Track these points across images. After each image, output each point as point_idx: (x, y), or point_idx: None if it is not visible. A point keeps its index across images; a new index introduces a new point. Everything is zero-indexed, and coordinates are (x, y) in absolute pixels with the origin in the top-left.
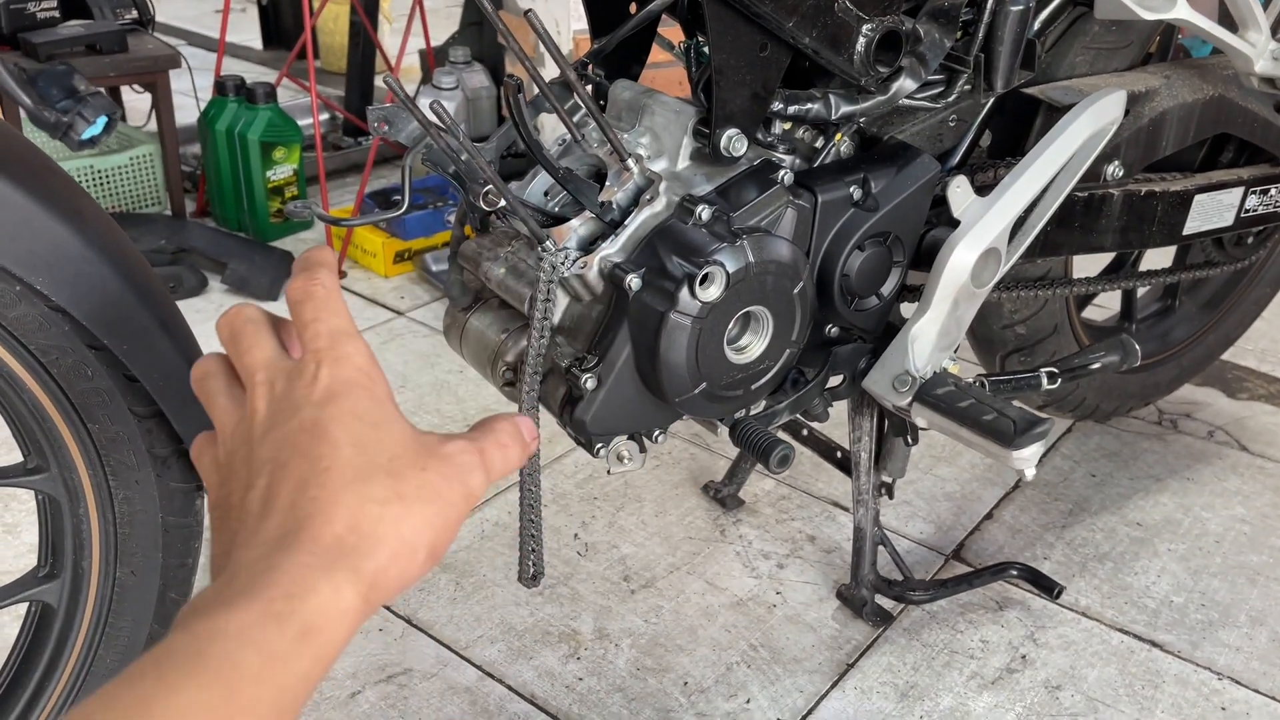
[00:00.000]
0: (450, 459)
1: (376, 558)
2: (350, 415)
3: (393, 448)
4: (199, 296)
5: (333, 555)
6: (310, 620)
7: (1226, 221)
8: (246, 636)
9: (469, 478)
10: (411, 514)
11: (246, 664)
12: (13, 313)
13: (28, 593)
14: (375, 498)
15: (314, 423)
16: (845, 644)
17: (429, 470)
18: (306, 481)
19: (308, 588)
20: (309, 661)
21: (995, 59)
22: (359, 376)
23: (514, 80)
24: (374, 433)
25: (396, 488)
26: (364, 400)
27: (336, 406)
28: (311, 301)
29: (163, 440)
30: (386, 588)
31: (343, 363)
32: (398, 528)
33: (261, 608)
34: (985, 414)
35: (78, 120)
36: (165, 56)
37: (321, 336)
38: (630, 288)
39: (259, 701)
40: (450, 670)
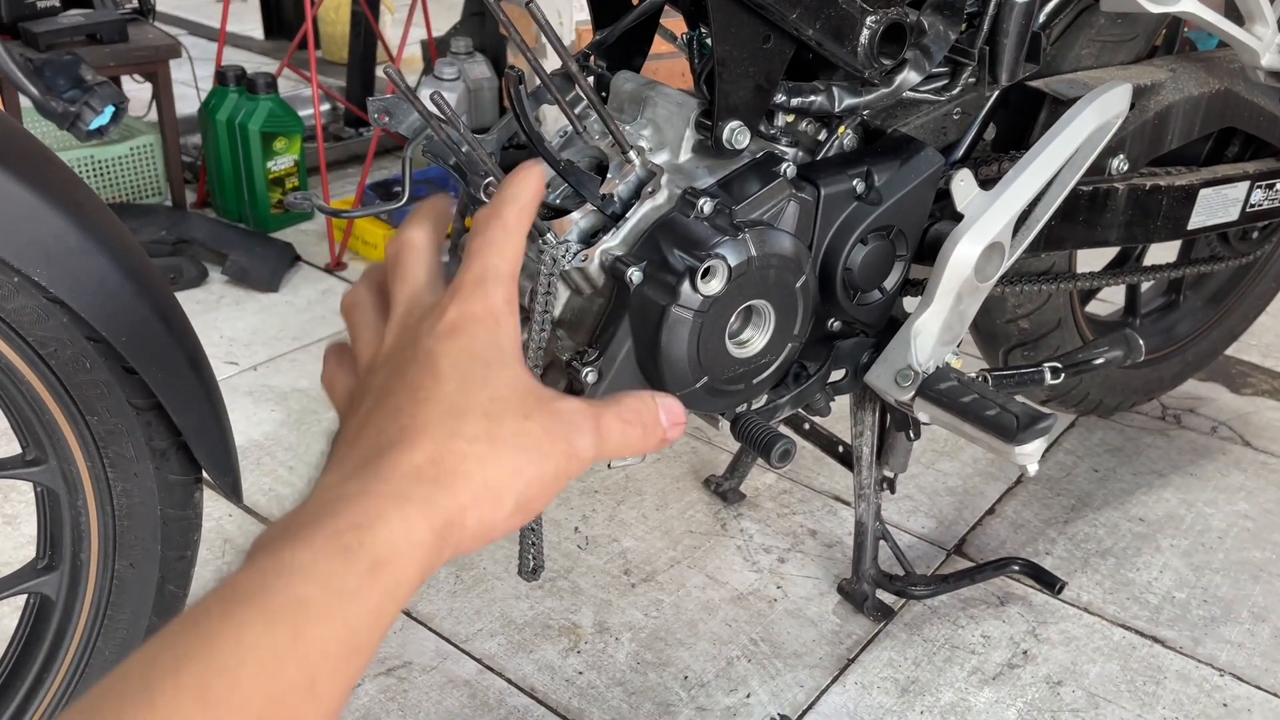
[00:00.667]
0: (559, 414)
1: (456, 494)
2: (463, 351)
3: (499, 389)
4: (199, 288)
5: (408, 484)
6: (379, 552)
7: (1231, 216)
8: (312, 571)
9: (576, 437)
10: (501, 458)
11: (313, 601)
12: (11, 304)
13: (26, 584)
14: (465, 434)
15: (427, 353)
16: (846, 639)
17: (532, 419)
18: (401, 409)
19: (377, 516)
20: (380, 596)
21: (1000, 51)
22: (485, 316)
23: (515, 72)
24: (483, 371)
25: (491, 429)
26: (483, 339)
27: (453, 341)
28: (484, 235)
29: (161, 433)
30: (465, 529)
31: (475, 300)
32: (483, 468)
33: (328, 539)
34: (988, 409)
35: (85, 110)
36: (166, 46)
37: (472, 270)
38: (631, 281)
39: (328, 639)
40: (450, 663)
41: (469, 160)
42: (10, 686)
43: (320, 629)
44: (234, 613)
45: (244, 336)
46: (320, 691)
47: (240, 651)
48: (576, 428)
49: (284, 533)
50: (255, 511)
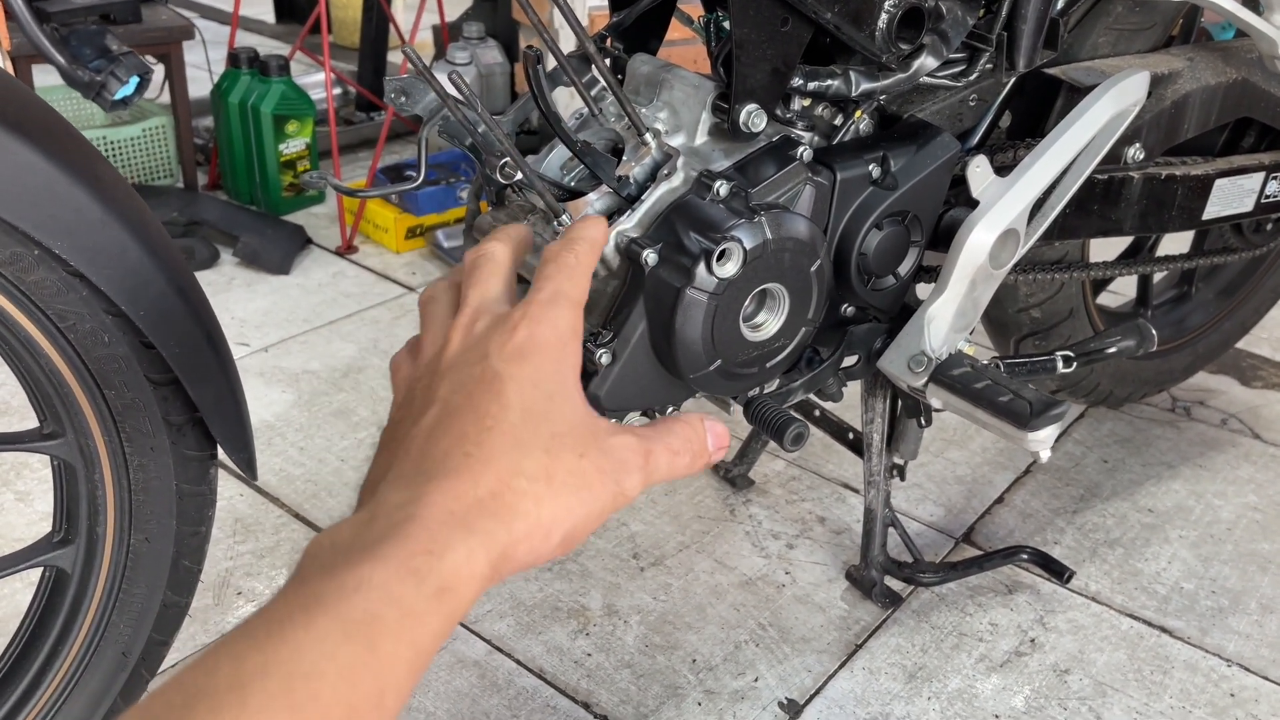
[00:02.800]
0: (611, 453)
1: (512, 530)
2: (529, 380)
3: (558, 425)
4: (211, 269)
5: (471, 518)
6: (445, 580)
7: (1246, 207)
8: (388, 591)
9: (625, 477)
10: (555, 497)
11: (387, 619)
12: (31, 277)
13: (42, 558)
14: (525, 472)
15: (494, 376)
16: (854, 625)
17: (586, 458)
18: (466, 435)
19: (446, 545)
20: (441, 620)
21: (1018, 38)
22: (552, 341)
23: (533, 52)
24: (545, 404)
25: (549, 467)
26: (547, 367)
27: (519, 366)
28: (555, 263)
29: (178, 408)
30: (514, 562)
31: (544, 322)
32: (539, 506)
33: (401, 562)
34: (1001, 395)
35: (111, 80)
36: (179, 27)
37: (544, 291)
38: (646, 263)
39: (397, 657)
40: (459, 644)
41: (485, 141)
42: (25, 659)
43: (392, 645)
44: (316, 623)
45: (255, 318)
46: (388, 705)
47: (322, 661)
48: (626, 466)
49: (357, 541)
50: (267, 491)
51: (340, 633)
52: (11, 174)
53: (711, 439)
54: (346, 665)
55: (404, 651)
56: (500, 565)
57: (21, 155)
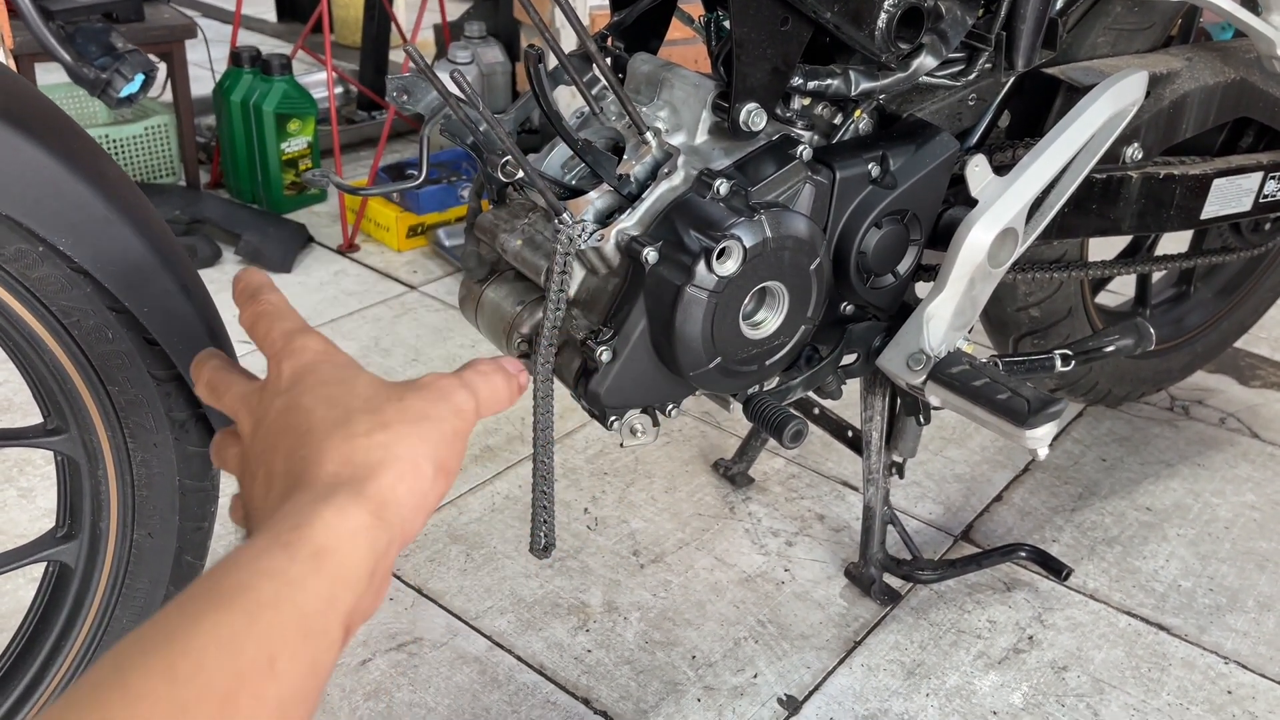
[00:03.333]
0: (426, 386)
1: (378, 477)
2: (315, 384)
3: (364, 391)
4: (213, 267)
5: (330, 487)
6: (319, 542)
7: (1245, 207)
8: (258, 565)
9: (451, 395)
10: (400, 435)
11: (262, 590)
12: (35, 273)
13: (46, 553)
14: (358, 432)
15: (285, 404)
16: (853, 622)
17: (406, 399)
18: (293, 449)
19: (313, 516)
20: (327, 582)
21: (1017, 37)
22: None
23: (535, 51)
24: (342, 387)
25: (377, 418)
26: (326, 369)
27: (301, 384)
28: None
29: (181, 404)
30: (400, 504)
31: (299, 353)
32: (389, 449)
33: (270, 540)
34: (999, 393)
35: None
36: (181, 26)
37: (277, 341)
38: (647, 261)
39: (280, 623)
40: (460, 640)
41: (486, 140)
42: (29, 654)
43: (272, 613)
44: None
45: None
46: (280, 670)
47: (200, 636)
48: (446, 390)
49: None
50: None
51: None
52: (17, 171)
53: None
54: (227, 636)
55: (287, 616)
56: (384, 513)
57: (27, 152)
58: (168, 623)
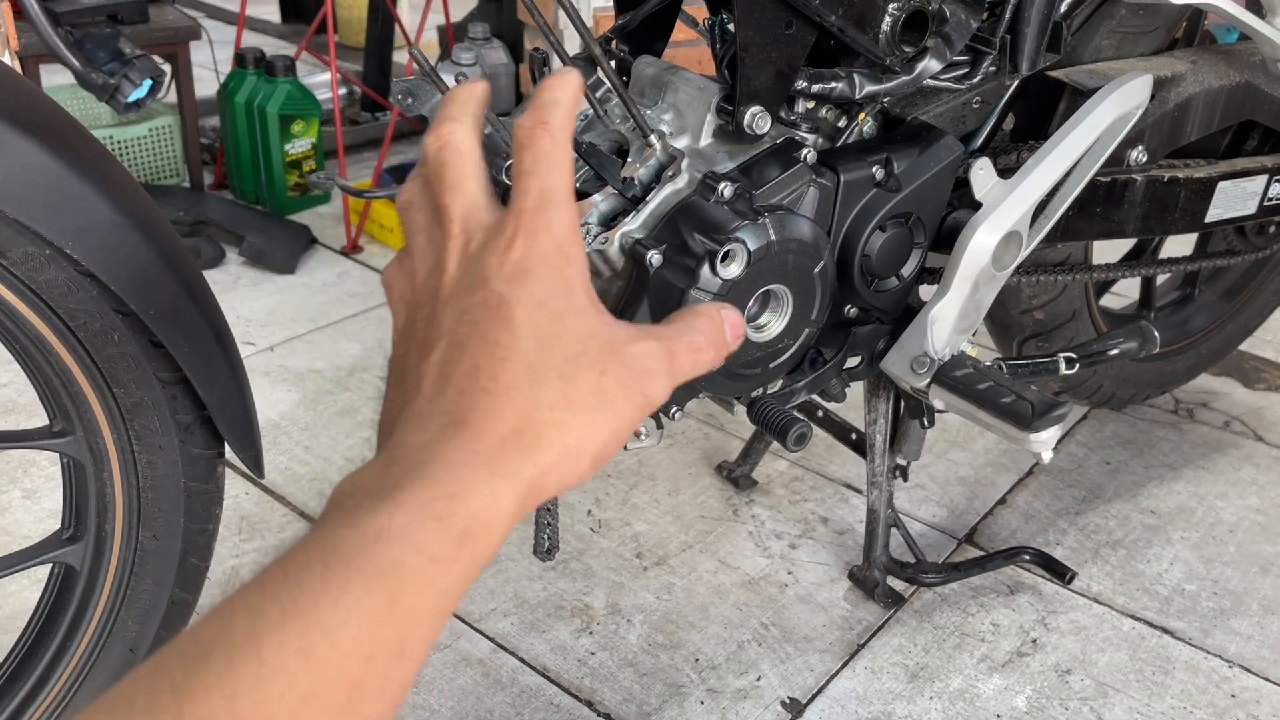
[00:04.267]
0: (633, 363)
1: (539, 463)
2: (535, 301)
3: (572, 344)
4: (216, 268)
5: (495, 458)
6: (468, 524)
7: (1249, 210)
8: (409, 538)
9: (649, 386)
10: (579, 421)
11: (409, 566)
12: (42, 276)
13: (51, 554)
14: (545, 401)
15: (499, 302)
16: (856, 624)
17: (607, 374)
18: (480, 370)
19: (469, 488)
20: (466, 565)
21: (1021, 41)
22: (554, 254)
23: (539, 54)
24: (556, 324)
25: (569, 391)
26: (553, 284)
27: (524, 287)
28: (533, 150)
29: (186, 406)
30: (545, 492)
31: (541, 233)
32: (563, 435)
33: (422, 507)
34: (1003, 396)
35: (124, 83)
36: (186, 28)
37: (530, 195)
38: (651, 264)
39: (420, 604)
40: (464, 642)
41: (491, 142)
42: (34, 655)
43: (414, 594)
44: (335, 572)
45: (260, 317)
46: (410, 653)
47: (341, 612)
48: (650, 373)
49: (377, 488)
50: (272, 490)
51: (360, 583)
52: (24, 175)
53: (729, 329)
54: (367, 616)
55: (427, 599)
56: (528, 500)
57: (33, 156)
58: (311, 585)
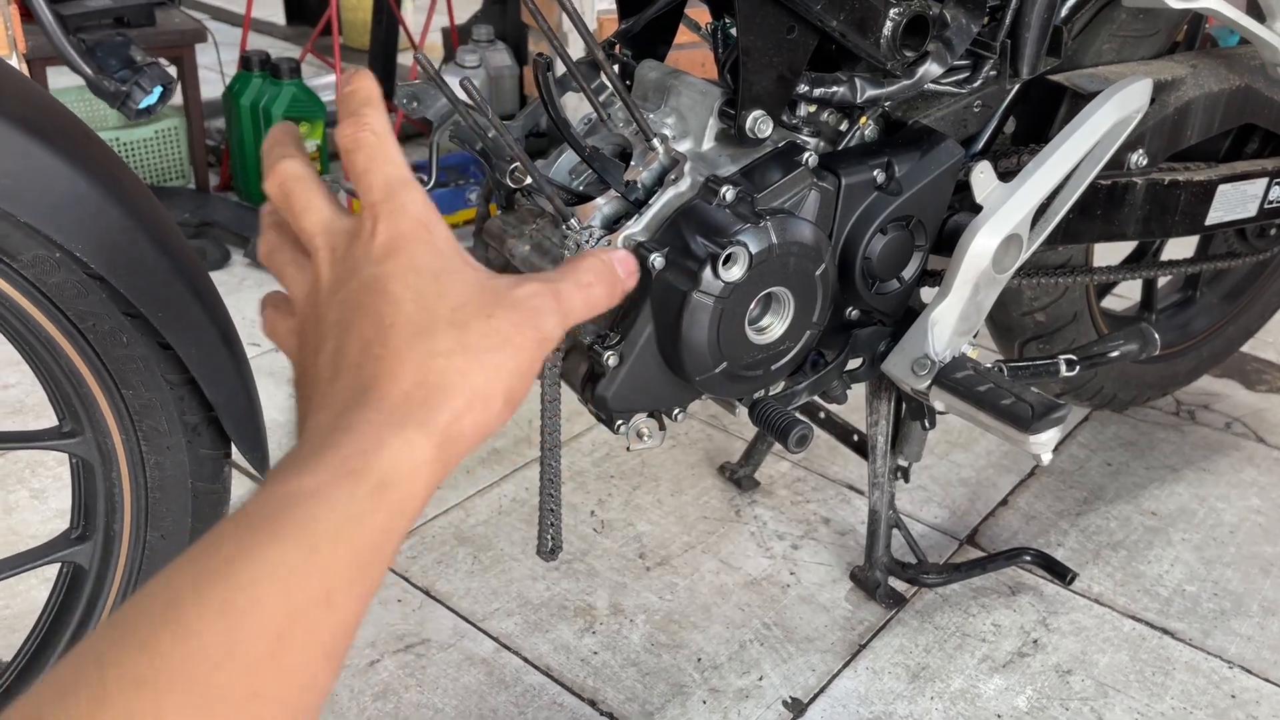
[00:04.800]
0: (520, 303)
1: (448, 409)
2: (409, 269)
3: (456, 296)
4: (221, 270)
5: (401, 411)
6: (384, 474)
7: (1250, 213)
8: (322, 495)
9: (541, 321)
10: (480, 363)
11: (324, 521)
12: (52, 279)
13: (60, 554)
14: (440, 350)
15: (374, 280)
16: (858, 625)
17: (495, 317)
18: (370, 340)
19: (379, 443)
20: (386, 515)
21: (1022, 45)
22: (415, 228)
23: (543, 58)
24: (435, 284)
25: (461, 338)
26: (422, 252)
27: (395, 262)
28: (363, 150)
29: (194, 407)
30: (462, 438)
31: (398, 215)
32: (466, 378)
33: (335, 466)
34: (1003, 398)
35: (135, 90)
36: (191, 30)
37: (376, 189)
38: (654, 267)
39: (341, 556)
40: (467, 641)
41: (495, 146)
42: (42, 654)
43: (332, 546)
44: (249, 536)
45: None
46: (337, 604)
47: (257, 569)
48: (540, 311)
49: (292, 465)
50: None
51: (276, 542)
52: (34, 178)
53: (620, 267)
54: (285, 571)
55: (347, 551)
56: (447, 446)
57: (44, 160)
58: (224, 551)
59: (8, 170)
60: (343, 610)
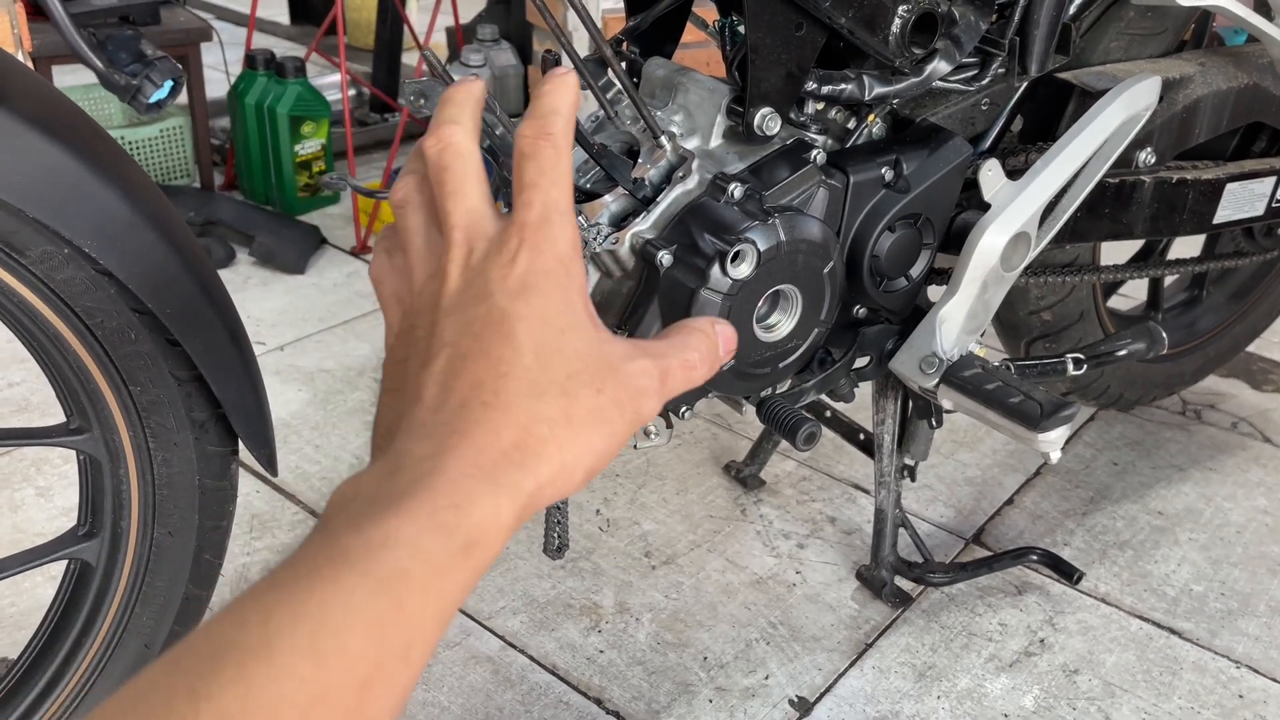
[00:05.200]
0: (628, 381)
1: (537, 478)
2: (538, 317)
3: (573, 362)
4: (227, 269)
5: (497, 471)
6: (472, 535)
7: (1257, 211)
8: (415, 547)
9: (642, 404)
10: (577, 439)
11: (415, 574)
12: (61, 275)
13: (67, 551)
14: (545, 417)
15: (502, 316)
16: (864, 624)
17: (604, 393)
18: (482, 384)
19: (472, 500)
20: (468, 574)
21: (1030, 43)
22: (556, 269)
23: (551, 55)
24: (558, 341)
25: (568, 409)
26: (555, 300)
27: (527, 303)
28: (536, 161)
29: (201, 404)
30: (540, 504)
31: (544, 249)
32: (561, 451)
33: (429, 516)
34: (1012, 396)
35: (146, 84)
36: (197, 29)
37: (534, 207)
38: (661, 264)
39: (424, 611)
40: (473, 640)
41: (502, 143)
42: (49, 650)
43: (419, 600)
44: (343, 577)
45: (271, 317)
46: (414, 658)
47: (350, 616)
48: (644, 392)
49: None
50: (283, 488)
51: (367, 588)
52: (43, 174)
53: (723, 344)
54: (374, 620)
55: (431, 606)
56: (525, 512)
57: (53, 156)
58: (320, 589)
59: (17, 166)
60: (416, 665)
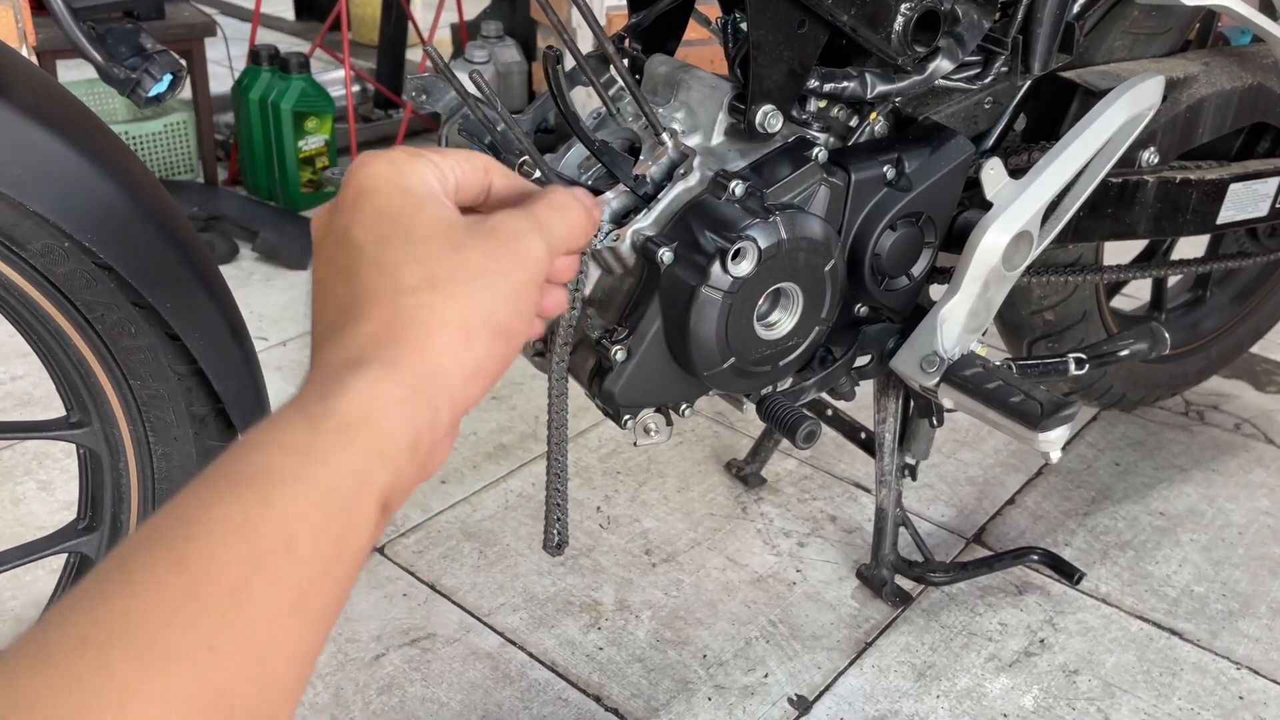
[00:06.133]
0: (491, 232)
1: (419, 345)
2: (371, 212)
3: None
4: (230, 264)
5: (365, 351)
6: (346, 415)
7: (1261, 212)
8: (280, 441)
9: (520, 243)
10: (450, 296)
11: (281, 466)
12: (61, 268)
13: (68, 544)
14: (405, 288)
15: (342, 231)
16: (864, 623)
17: (465, 248)
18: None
19: (340, 385)
20: (358, 455)
21: (1033, 41)
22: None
23: (553, 51)
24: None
25: (428, 274)
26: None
27: (359, 208)
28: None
29: (201, 399)
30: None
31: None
32: (435, 313)
33: (292, 415)
34: (1013, 396)
35: (145, 78)
36: (201, 24)
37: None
38: (662, 261)
39: (301, 501)
40: (473, 636)
41: (504, 140)
42: None
43: (291, 491)
44: (205, 492)
45: (273, 312)
46: (300, 551)
47: (210, 521)
48: (515, 234)
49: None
50: None
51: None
52: (44, 168)
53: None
54: (239, 520)
55: (308, 493)
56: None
57: (54, 150)
58: (179, 511)
59: (18, 159)
60: (310, 559)
